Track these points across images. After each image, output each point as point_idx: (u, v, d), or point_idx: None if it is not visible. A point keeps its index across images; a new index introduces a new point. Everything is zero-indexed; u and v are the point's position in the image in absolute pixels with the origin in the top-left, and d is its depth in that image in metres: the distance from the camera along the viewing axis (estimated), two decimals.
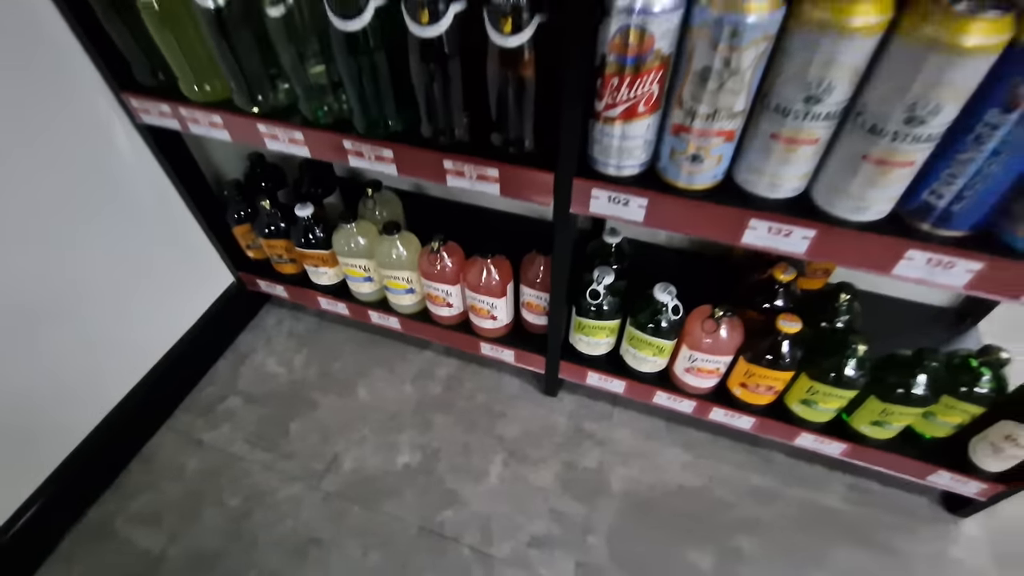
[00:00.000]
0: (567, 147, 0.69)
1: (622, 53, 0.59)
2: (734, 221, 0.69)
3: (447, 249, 1.02)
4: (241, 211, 1.18)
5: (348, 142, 0.83)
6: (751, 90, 0.59)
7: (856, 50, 0.52)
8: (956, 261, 0.62)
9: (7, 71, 0.79)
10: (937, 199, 0.60)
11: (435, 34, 0.65)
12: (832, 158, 0.62)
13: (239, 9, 0.74)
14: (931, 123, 0.53)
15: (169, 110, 0.92)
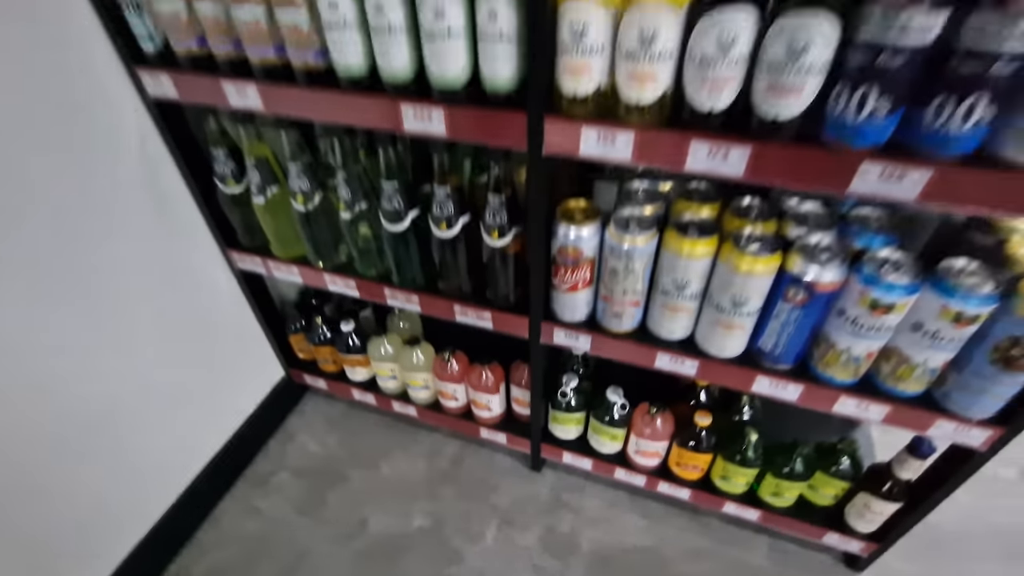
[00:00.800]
0: (535, 304, 1.05)
1: (564, 257, 0.95)
2: (648, 353, 1.03)
3: (455, 357, 1.37)
4: (297, 323, 1.53)
5: (387, 290, 1.19)
6: (645, 281, 0.95)
7: (698, 265, 0.89)
8: (787, 384, 0.96)
9: (153, 237, 1.18)
10: (767, 346, 0.94)
11: (449, 236, 1.02)
12: (701, 320, 0.97)
13: (321, 212, 1.13)
14: (747, 306, 0.89)
15: (260, 262, 1.30)
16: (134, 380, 1.18)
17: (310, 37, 0.84)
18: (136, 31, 0.96)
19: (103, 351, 1.10)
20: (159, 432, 1.26)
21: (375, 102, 0.86)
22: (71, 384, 1.05)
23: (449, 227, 1.01)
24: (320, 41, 0.84)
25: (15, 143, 0.88)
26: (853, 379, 0.92)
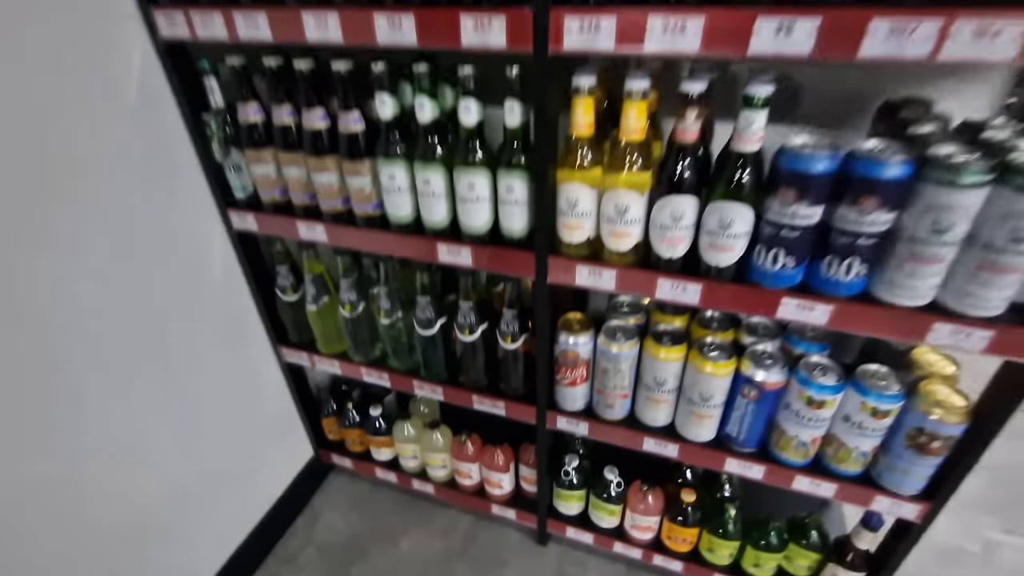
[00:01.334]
0: (541, 396, 1.26)
1: (565, 359, 1.18)
2: (637, 438, 1.23)
3: (471, 440, 1.56)
4: (330, 408, 1.73)
5: (416, 382, 1.41)
6: (631, 378, 1.17)
7: (673, 367, 1.11)
8: (752, 464, 1.15)
9: (223, 341, 1.41)
10: (733, 432, 1.15)
11: (471, 340, 1.25)
12: (678, 410, 1.18)
13: (363, 317, 1.37)
14: (713, 400, 1.10)
15: (306, 356, 1.52)
16: (191, 467, 1.37)
17: (371, 195, 1.12)
18: (232, 183, 1.24)
19: (173, 440, 1.30)
20: (201, 515, 1.42)
21: (418, 241, 1.12)
22: (141, 474, 1.24)
23: (471, 333, 1.25)
24: (378, 197, 1.12)
25: (145, 263, 1.13)
26: (805, 460, 1.11)
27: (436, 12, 0.84)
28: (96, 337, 1.07)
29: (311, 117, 1.06)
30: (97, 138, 1.01)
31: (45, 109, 0.92)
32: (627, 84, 0.83)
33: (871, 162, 0.76)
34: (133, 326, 1.14)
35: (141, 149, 1.10)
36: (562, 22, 0.78)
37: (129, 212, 1.09)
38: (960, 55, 0.64)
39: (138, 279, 1.14)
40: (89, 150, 1.00)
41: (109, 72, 1.02)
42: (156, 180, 1.14)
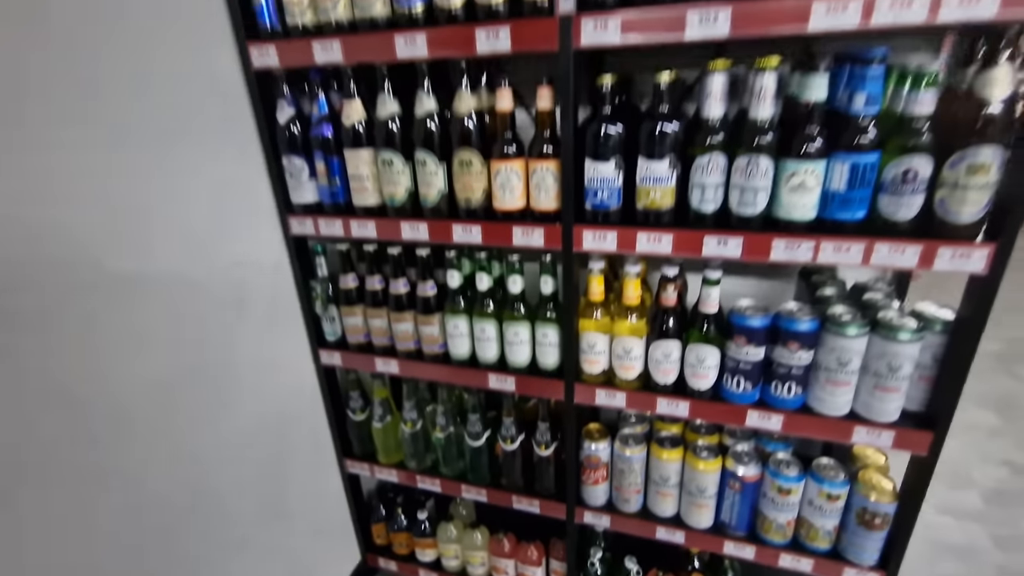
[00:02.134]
0: (570, 494, 1.55)
1: (588, 462, 1.50)
2: (650, 527, 1.51)
3: (507, 538, 1.81)
4: (379, 514, 1.98)
5: (464, 486, 1.69)
6: (642, 476, 1.48)
7: (674, 466, 1.42)
8: (744, 546, 1.42)
9: (309, 460, 1.70)
10: (726, 519, 1.43)
11: (511, 449, 1.57)
12: (682, 502, 1.48)
13: (421, 434, 1.69)
14: (707, 492, 1.40)
15: (367, 467, 1.81)
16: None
17: (438, 339, 1.49)
18: (325, 330, 1.62)
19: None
20: None
21: (473, 372, 1.48)
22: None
23: (512, 443, 1.56)
24: (443, 340, 1.50)
25: (251, 389, 1.47)
26: (785, 540, 1.40)
27: (495, 225, 1.27)
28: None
29: (396, 285, 1.47)
30: (251, 293, 1.40)
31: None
32: (626, 267, 1.25)
33: (791, 320, 1.16)
34: (243, 441, 1.46)
35: (266, 306, 1.48)
36: (582, 234, 1.21)
37: (253, 346, 1.46)
38: (829, 261, 1.06)
39: (242, 398, 1.47)
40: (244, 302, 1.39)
41: (256, 256, 1.43)
42: (274, 326, 1.52)
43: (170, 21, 1.14)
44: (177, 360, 1.22)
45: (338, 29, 1.21)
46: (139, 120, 1.09)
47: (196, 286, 1.25)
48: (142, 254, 1.12)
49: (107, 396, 1.08)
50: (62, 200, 0.98)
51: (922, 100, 0.94)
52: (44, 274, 0.96)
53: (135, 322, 1.12)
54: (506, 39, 1.08)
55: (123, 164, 1.07)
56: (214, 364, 1.33)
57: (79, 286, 1.01)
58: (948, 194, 0.97)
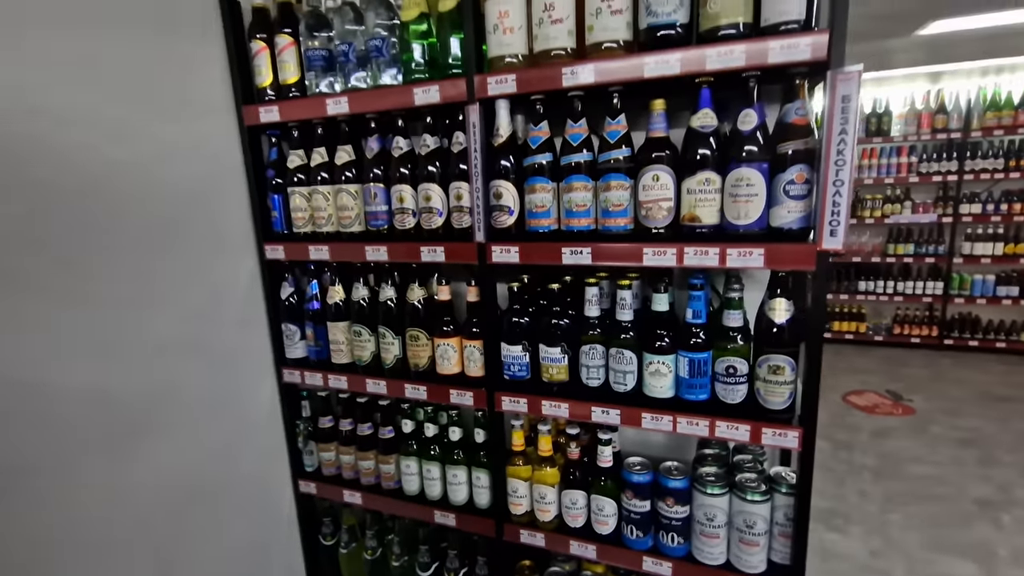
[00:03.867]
0: None
1: None
2: None
3: None
4: None
5: None
6: None
7: None
8: None
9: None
10: None
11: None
12: None
13: (380, 561, 1.89)
14: None
15: None
16: None
17: (394, 476, 1.76)
18: (305, 461, 1.91)
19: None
20: None
21: (421, 508, 1.72)
22: None
23: (456, 574, 1.75)
24: (398, 477, 1.76)
25: (227, 509, 1.73)
26: None
27: (437, 386, 1.59)
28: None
29: (362, 428, 1.77)
30: (251, 427, 1.72)
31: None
32: (539, 425, 1.53)
33: (667, 478, 1.40)
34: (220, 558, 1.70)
35: (262, 438, 1.80)
36: (501, 398, 1.51)
37: (249, 468, 1.75)
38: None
39: (212, 519, 1.73)
40: (232, 447, 1.71)
41: (249, 403, 1.78)
42: (266, 456, 1.82)
43: (217, 239, 1.60)
44: (193, 472, 1.52)
45: (327, 237, 1.65)
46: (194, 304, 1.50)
47: (220, 408, 1.59)
48: (169, 398, 1.48)
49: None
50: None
51: (733, 317, 1.26)
52: None
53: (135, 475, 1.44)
54: (442, 254, 1.48)
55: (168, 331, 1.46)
56: (214, 482, 1.61)
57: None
58: (761, 385, 1.25)
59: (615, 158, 1.27)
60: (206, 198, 1.57)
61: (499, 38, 1.30)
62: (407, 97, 1.41)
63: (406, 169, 1.50)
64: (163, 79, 1.44)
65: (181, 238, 1.49)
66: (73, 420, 1.27)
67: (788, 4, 1.08)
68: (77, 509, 1.28)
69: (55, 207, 1.22)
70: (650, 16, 1.17)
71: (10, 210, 1.14)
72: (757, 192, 1.16)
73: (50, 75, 1.20)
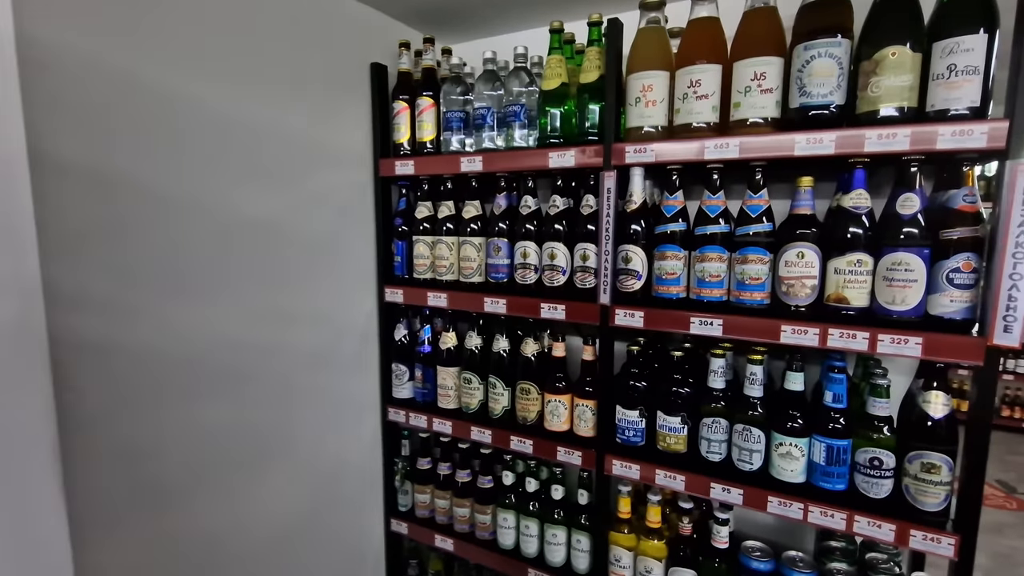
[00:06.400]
0: None
1: None
2: None
3: None
4: None
5: None
6: None
7: None
8: None
9: None
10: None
11: None
12: None
13: None
14: None
15: None
16: None
17: (489, 527, 1.75)
18: (399, 501, 1.93)
19: None
20: None
21: (515, 563, 1.69)
22: None
23: None
24: (494, 529, 1.75)
25: (327, 552, 1.76)
26: None
27: (544, 442, 1.58)
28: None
29: (461, 475, 1.78)
30: (343, 470, 1.77)
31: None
32: (648, 495, 1.49)
33: (790, 569, 1.31)
34: None
35: (359, 474, 1.84)
36: (611, 462, 1.49)
37: (343, 511, 1.79)
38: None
39: (303, 547, 1.76)
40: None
41: (353, 437, 1.83)
42: (363, 490, 1.86)
43: (342, 279, 1.70)
44: (295, 499, 1.58)
45: (447, 285, 1.71)
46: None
47: (327, 439, 1.65)
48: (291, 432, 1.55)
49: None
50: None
51: (879, 405, 1.19)
52: None
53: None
54: (562, 312, 1.50)
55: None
56: (312, 510, 1.66)
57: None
58: (911, 483, 1.16)
59: (756, 232, 1.26)
60: (337, 240, 1.68)
61: (640, 110, 1.34)
62: (542, 160, 1.47)
63: (532, 226, 1.55)
64: (318, 132, 1.57)
65: (311, 276, 1.59)
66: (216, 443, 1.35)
67: (959, 91, 1.05)
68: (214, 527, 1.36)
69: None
70: (803, 96, 1.17)
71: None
72: (916, 278, 1.11)
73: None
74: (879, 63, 1.09)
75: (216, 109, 1.29)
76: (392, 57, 1.75)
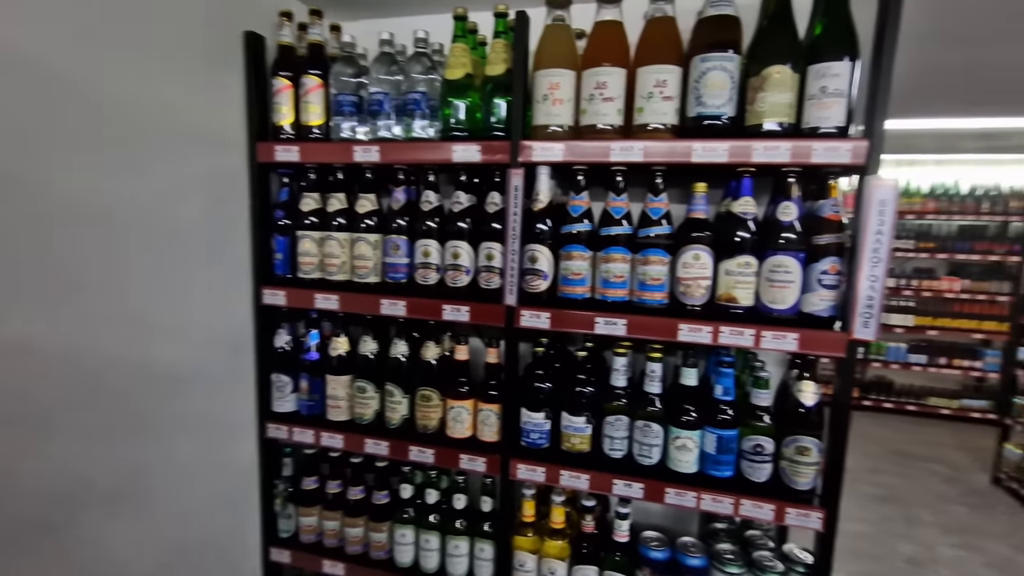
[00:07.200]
0: None
1: None
2: None
3: None
4: None
5: None
6: None
7: None
8: None
9: None
10: None
11: None
12: None
13: None
14: None
15: None
16: None
17: (385, 545, 1.63)
18: (280, 527, 1.73)
19: None
20: None
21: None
22: None
23: None
24: (390, 547, 1.63)
25: None
26: None
27: (446, 450, 1.51)
28: None
29: (353, 492, 1.64)
30: (211, 497, 1.53)
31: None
32: (552, 496, 1.48)
33: (685, 555, 1.38)
34: None
35: (229, 510, 1.61)
36: (516, 466, 1.46)
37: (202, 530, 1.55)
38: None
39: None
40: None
41: (224, 459, 1.60)
42: (236, 518, 1.63)
43: (209, 278, 1.46)
44: (155, 535, 1.33)
45: (338, 286, 1.55)
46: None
47: (194, 462, 1.40)
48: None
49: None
50: None
51: (762, 396, 1.30)
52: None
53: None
54: (467, 314, 1.43)
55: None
56: (176, 545, 1.42)
57: None
58: (787, 465, 1.28)
59: (657, 234, 1.30)
60: (204, 235, 1.44)
61: (547, 107, 1.32)
62: (445, 153, 1.39)
63: (434, 223, 1.46)
64: (179, 107, 1.33)
65: (171, 276, 1.35)
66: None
67: (829, 111, 1.17)
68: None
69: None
70: (699, 106, 1.23)
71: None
72: (793, 279, 1.23)
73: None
74: (766, 79, 1.18)
75: (42, 67, 1.03)
76: (271, 28, 1.55)
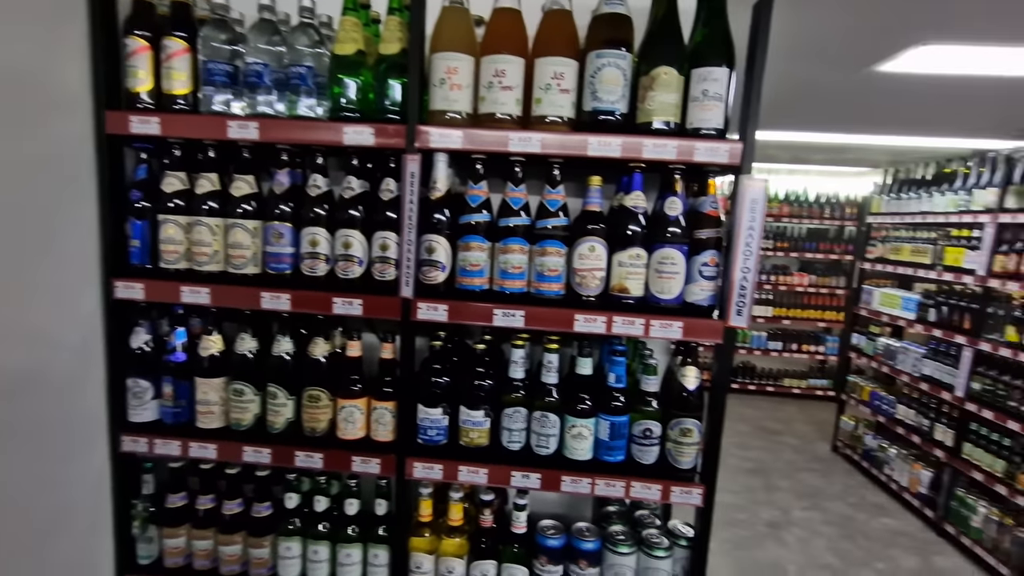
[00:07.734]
0: None
1: None
2: None
3: None
4: None
5: None
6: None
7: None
8: None
9: None
10: None
11: None
12: None
13: None
14: None
15: None
16: None
17: (267, 562, 1.49)
18: (139, 552, 1.52)
19: None
20: None
21: None
22: None
23: None
24: (273, 563, 1.50)
25: None
26: None
27: (337, 453, 1.41)
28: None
29: (229, 506, 1.48)
30: (52, 527, 1.30)
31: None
32: (450, 492, 1.44)
33: (580, 540, 1.42)
34: None
35: (75, 540, 1.38)
36: (413, 465, 1.40)
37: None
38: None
39: None
40: None
41: (66, 481, 1.37)
42: (84, 549, 1.39)
43: (44, 268, 1.23)
44: None
45: (210, 278, 1.39)
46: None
47: (26, 487, 1.17)
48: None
49: None
50: None
51: (650, 382, 1.36)
52: None
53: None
54: (359, 307, 1.35)
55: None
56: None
57: None
58: (672, 447, 1.36)
59: (555, 225, 1.31)
60: (36, 217, 1.22)
61: (445, 92, 1.27)
62: (335, 135, 1.29)
63: (323, 210, 1.35)
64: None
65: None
66: None
67: (709, 113, 1.25)
68: None
69: None
70: (595, 100, 1.26)
71: None
72: (678, 271, 1.30)
73: None
74: (655, 79, 1.23)
75: None
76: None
